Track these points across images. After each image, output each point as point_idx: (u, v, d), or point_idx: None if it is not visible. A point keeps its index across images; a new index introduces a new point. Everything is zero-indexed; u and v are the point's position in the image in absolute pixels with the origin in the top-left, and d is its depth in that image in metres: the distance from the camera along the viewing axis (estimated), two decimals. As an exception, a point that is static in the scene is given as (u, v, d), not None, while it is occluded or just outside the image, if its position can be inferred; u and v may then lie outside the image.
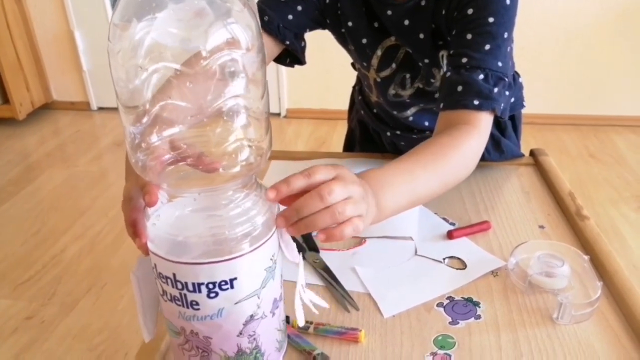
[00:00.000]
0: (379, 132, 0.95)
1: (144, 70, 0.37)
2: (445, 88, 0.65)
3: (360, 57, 0.81)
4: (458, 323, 0.56)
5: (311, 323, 0.55)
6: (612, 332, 0.55)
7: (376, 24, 0.75)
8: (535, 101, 2.52)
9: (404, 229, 0.70)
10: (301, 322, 0.48)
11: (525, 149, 0.93)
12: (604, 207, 1.87)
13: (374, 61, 0.79)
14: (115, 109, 2.52)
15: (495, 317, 0.57)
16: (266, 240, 0.43)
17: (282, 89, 2.66)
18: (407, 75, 0.79)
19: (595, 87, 2.48)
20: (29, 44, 2.70)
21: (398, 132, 0.89)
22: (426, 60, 0.75)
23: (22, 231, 1.85)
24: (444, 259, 0.65)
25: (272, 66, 2.57)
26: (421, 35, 0.72)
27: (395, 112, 0.85)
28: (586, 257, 0.62)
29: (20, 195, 2.09)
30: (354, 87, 1.01)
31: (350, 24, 0.76)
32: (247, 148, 0.41)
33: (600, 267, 0.62)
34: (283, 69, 2.60)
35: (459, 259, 0.65)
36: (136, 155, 0.41)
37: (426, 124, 0.85)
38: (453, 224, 0.72)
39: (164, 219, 0.42)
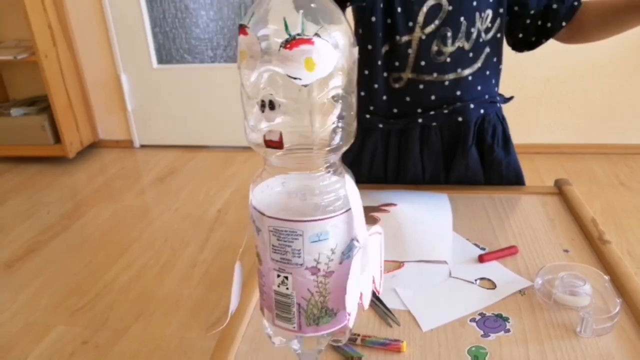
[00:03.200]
0: (404, 136, 1.00)
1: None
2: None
3: (406, 17, 0.91)
4: (489, 336, 0.62)
5: (359, 335, 0.62)
6: (631, 344, 0.60)
7: None
8: (564, 131, 2.57)
9: (439, 254, 0.77)
10: (366, 303, 0.55)
11: (553, 179, 1.00)
12: (635, 234, 1.89)
13: (420, 18, 0.90)
14: (157, 146, 2.66)
15: (524, 331, 0.63)
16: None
17: (314, 124, 2.78)
18: (449, 33, 0.90)
19: (623, 116, 2.51)
20: (79, 87, 2.90)
21: (431, 113, 0.96)
22: (462, 19, 0.89)
23: (76, 262, 1.98)
24: (475, 280, 0.72)
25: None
26: None
27: (435, 75, 0.93)
28: (607, 278, 0.68)
29: (72, 229, 2.23)
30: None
31: None
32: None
33: (620, 286, 0.68)
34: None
35: (489, 280, 0.72)
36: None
37: (458, 93, 0.94)
38: (484, 249, 0.79)
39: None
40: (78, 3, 2.75)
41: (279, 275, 0.54)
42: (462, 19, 0.89)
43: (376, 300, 0.69)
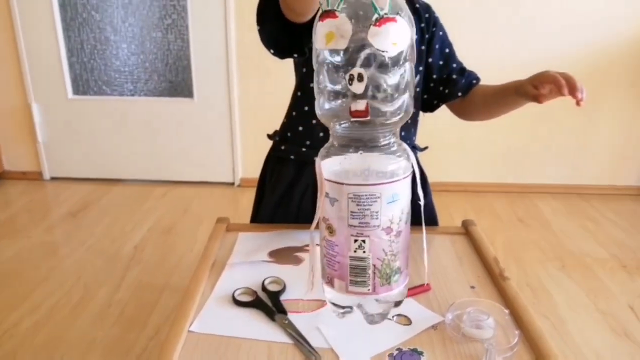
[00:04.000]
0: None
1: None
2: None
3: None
4: (406, 370, 0.68)
5: (286, 374, 0.65)
6: (528, 371, 0.68)
7: None
8: (469, 171, 2.78)
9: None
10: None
11: (460, 215, 1.09)
12: (532, 266, 2.07)
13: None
14: (70, 179, 2.56)
15: (436, 364, 0.69)
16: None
17: (236, 159, 2.79)
18: None
19: (519, 158, 2.77)
20: (-17, 116, 2.74)
21: None
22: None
23: (-26, 305, 1.83)
24: (392, 316, 0.78)
25: (227, 137, 2.72)
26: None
27: None
28: (507, 311, 0.77)
29: (-30, 268, 2.06)
30: (269, 156, 1.15)
31: None
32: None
33: (518, 319, 0.77)
34: (238, 140, 2.75)
35: (405, 316, 0.78)
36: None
37: None
38: (400, 287, 0.85)
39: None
40: (-14, 28, 2.62)
41: (356, 240, 0.61)
42: None
43: (301, 339, 0.73)
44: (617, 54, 2.57)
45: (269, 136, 1.14)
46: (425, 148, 1.12)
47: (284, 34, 0.88)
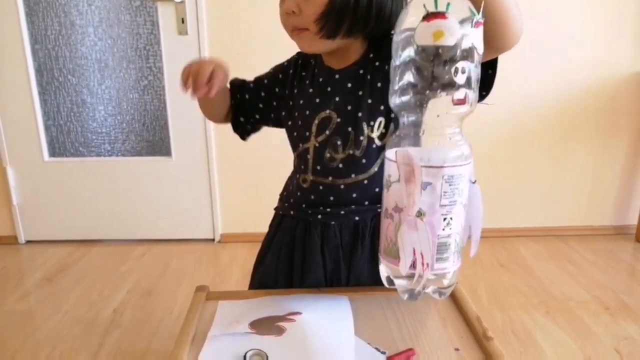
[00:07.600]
0: (308, 228, 1.09)
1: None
2: None
3: (304, 128, 1.04)
4: None
5: None
6: None
7: (317, 100, 1.03)
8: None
9: (343, 361, 0.81)
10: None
11: None
12: (517, 313, 2.06)
13: (314, 128, 1.03)
14: (46, 242, 2.51)
15: None
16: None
17: (215, 215, 2.78)
18: (338, 142, 1.01)
19: (497, 202, 2.81)
20: (-44, 181, 2.69)
21: (328, 210, 1.06)
22: (349, 129, 1.01)
23: (-57, 383, 1.75)
24: (378, 386, 0.77)
25: (206, 193, 2.71)
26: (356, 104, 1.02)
27: (330, 179, 1.03)
28: (492, 376, 0.76)
29: (-60, 343, 1.98)
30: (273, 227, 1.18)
31: (301, 101, 1.05)
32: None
33: (504, 383, 0.76)
34: (217, 196, 2.74)
35: (390, 386, 0.77)
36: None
37: (354, 195, 1.04)
38: (384, 353, 0.84)
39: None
40: (-39, 94, 2.61)
41: (445, 219, 0.68)
42: (349, 129, 1.01)
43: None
44: (580, 101, 2.66)
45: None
46: None
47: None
